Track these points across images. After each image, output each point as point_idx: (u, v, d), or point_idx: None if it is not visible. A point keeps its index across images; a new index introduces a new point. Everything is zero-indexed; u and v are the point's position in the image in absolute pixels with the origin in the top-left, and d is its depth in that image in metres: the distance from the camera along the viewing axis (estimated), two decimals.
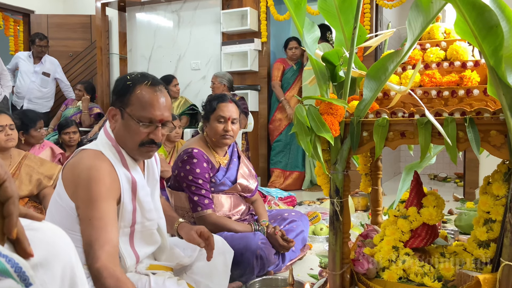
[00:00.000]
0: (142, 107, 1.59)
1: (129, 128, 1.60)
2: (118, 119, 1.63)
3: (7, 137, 2.87)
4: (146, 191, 1.69)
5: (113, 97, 1.67)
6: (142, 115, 1.59)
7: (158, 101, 1.61)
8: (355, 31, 1.54)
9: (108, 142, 1.64)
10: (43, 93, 6.15)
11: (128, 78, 1.64)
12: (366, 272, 1.65)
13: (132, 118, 1.59)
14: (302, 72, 5.53)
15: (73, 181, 1.56)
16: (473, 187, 4.58)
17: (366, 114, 1.58)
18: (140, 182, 1.65)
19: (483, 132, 1.42)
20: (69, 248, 0.99)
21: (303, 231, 2.72)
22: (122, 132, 1.62)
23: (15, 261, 0.79)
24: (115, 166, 1.59)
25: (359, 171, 2.14)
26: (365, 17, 4.99)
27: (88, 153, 1.61)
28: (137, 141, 1.61)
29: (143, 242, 1.69)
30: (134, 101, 1.59)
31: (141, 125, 1.59)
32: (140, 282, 1.59)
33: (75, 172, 1.57)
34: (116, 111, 1.64)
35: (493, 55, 1.34)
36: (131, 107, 1.59)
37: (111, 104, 1.68)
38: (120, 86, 1.63)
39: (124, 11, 6.63)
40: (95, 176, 1.53)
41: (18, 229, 0.84)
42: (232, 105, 2.53)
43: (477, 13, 1.30)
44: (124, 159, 1.64)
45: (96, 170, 1.54)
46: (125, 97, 1.60)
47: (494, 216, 1.53)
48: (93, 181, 1.52)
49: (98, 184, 1.52)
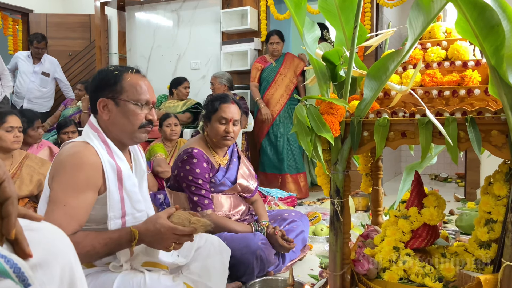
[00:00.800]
0: (137, 91, 1.69)
1: (128, 113, 1.68)
2: (112, 108, 1.69)
3: (15, 138, 2.90)
4: (132, 181, 1.72)
5: (98, 90, 1.71)
6: (139, 98, 1.69)
7: (147, 85, 1.74)
8: (355, 30, 1.54)
9: (94, 133, 1.69)
10: (42, 93, 6.14)
11: (112, 69, 1.72)
12: (366, 272, 1.64)
13: (130, 102, 1.67)
14: (282, 68, 5.31)
15: (55, 168, 1.60)
16: (474, 187, 4.57)
17: (367, 114, 1.58)
18: (126, 172, 1.68)
19: (484, 132, 1.41)
20: (68, 249, 0.99)
21: (303, 232, 2.72)
22: (119, 118, 1.69)
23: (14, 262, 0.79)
24: (100, 154, 1.63)
25: (359, 171, 2.14)
26: (365, 16, 4.98)
27: (72, 143, 1.67)
28: (137, 124, 1.70)
29: None
30: (127, 87, 1.68)
31: (141, 107, 1.69)
32: (135, 278, 1.60)
33: (57, 160, 1.62)
34: (108, 101, 1.69)
35: (494, 54, 1.34)
36: (126, 93, 1.68)
37: (96, 96, 1.71)
38: (107, 77, 1.70)
39: (123, 11, 6.62)
40: (77, 163, 1.57)
41: (16, 229, 0.84)
42: (234, 106, 2.52)
43: (478, 12, 1.30)
44: (110, 149, 1.68)
45: (79, 158, 1.58)
46: (116, 86, 1.68)
47: (495, 217, 1.53)
48: (74, 167, 1.57)
49: (79, 172, 1.56)
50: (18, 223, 0.85)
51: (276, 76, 5.32)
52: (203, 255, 1.91)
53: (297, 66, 5.34)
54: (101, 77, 1.72)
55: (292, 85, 5.31)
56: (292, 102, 5.34)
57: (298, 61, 5.37)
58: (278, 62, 5.38)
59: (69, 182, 1.55)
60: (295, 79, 5.32)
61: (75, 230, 1.54)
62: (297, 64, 5.35)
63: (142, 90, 1.70)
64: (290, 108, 5.35)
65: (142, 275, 1.61)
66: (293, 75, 5.32)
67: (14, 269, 0.79)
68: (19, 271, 0.79)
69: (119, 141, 1.73)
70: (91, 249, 1.53)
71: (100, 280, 1.61)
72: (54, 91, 6.36)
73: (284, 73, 5.32)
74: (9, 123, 2.88)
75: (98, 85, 1.72)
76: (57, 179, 1.57)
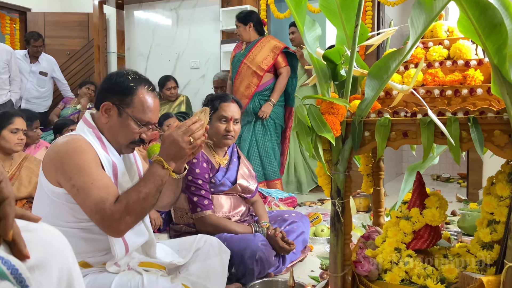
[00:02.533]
0: (143, 110, 1.70)
1: (126, 127, 1.69)
2: (114, 116, 1.70)
3: (19, 141, 2.92)
4: (127, 178, 1.72)
5: (108, 91, 1.72)
6: (142, 118, 1.70)
7: (155, 107, 1.75)
8: (356, 29, 1.53)
9: (88, 129, 1.70)
10: (40, 93, 6.10)
11: (130, 79, 1.71)
12: (368, 274, 1.64)
13: (132, 119, 1.68)
14: (250, 55, 4.62)
15: (53, 161, 1.59)
16: (476, 187, 4.56)
17: (368, 114, 1.57)
18: (120, 167, 1.69)
19: (487, 132, 1.41)
20: (66, 250, 0.99)
21: (304, 233, 2.71)
22: (116, 128, 1.70)
23: (11, 263, 0.79)
24: (95, 148, 1.64)
25: (360, 171, 2.13)
26: (366, 15, 4.96)
27: (64, 137, 1.67)
28: (129, 139, 1.71)
29: (132, 232, 1.67)
30: (136, 104, 1.69)
31: (140, 127, 1.70)
32: (133, 280, 1.60)
33: (51, 153, 1.61)
34: (113, 107, 1.70)
35: (497, 53, 1.33)
36: (132, 108, 1.68)
37: (103, 97, 1.72)
38: (122, 84, 1.70)
39: (122, 9, 6.61)
40: (75, 147, 1.58)
41: (14, 230, 0.83)
42: (235, 105, 2.51)
43: (480, 11, 1.29)
44: (104, 145, 1.69)
45: (74, 143, 1.60)
46: (127, 97, 1.69)
47: (498, 217, 1.52)
48: (75, 151, 1.57)
49: (82, 153, 1.57)
50: (15, 224, 0.85)
51: (241, 65, 4.66)
52: (202, 256, 1.91)
53: (269, 53, 4.59)
54: (116, 82, 1.71)
55: (256, 78, 4.58)
56: (261, 98, 4.65)
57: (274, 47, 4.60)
58: (247, 49, 4.71)
59: (79, 164, 1.55)
60: (263, 69, 4.56)
61: (117, 194, 1.55)
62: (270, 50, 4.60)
63: (148, 110, 1.71)
64: (257, 105, 4.66)
65: (140, 276, 1.61)
66: (264, 62, 4.56)
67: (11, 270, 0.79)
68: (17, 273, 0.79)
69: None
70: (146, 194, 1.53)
71: (98, 282, 1.61)
72: (52, 91, 6.33)
73: (250, 61, 4.60)
74: (15, 124, 2.89)
75: (110, 88, 1.72)
76: (66, 168, 1.55)
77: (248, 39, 4.72)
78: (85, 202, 1.52)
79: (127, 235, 1.62)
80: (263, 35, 4.77)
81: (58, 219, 1.57)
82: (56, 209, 1.58)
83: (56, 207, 1.58)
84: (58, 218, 1.58)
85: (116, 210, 1.49)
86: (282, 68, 4.62)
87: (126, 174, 1.74)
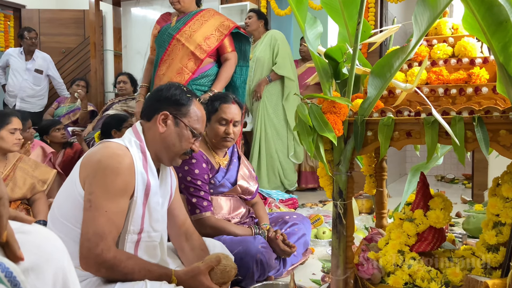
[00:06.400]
0: (197, 121, 1.80)
1: (183, 137, 1.77)
2: (171, 125, 1.76)
3: (17, 141, 2.92)
4: (157, 199, 1.74)
5: (165, 101, 1.78)
6: (196, 127, 1.79)
7: (204, 118, 1.86)
8: (359, 26, 1.52)
9: (136, 141, 1.73)
10: (35, 91, 6.04)
11: (185, 90, 1.82)
12: (370, 277, 1.63)
13: (189, 128, 1.77)
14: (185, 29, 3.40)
15: (91, 166, 1.61)
16: (481, 188, 4.55)
17: (371, 113, 1.57)
18: (154, 188, 1.71)
19: (492, 131, 1.41)
20: (61, 252, 0.98)
21: (305, 235, 2.69)
22: (173, 138, 1.75)
23: (5, 266, 0.79)
24: (135, 164, 1.65)
25: (363, 172, 2.13)
26: (369, 12, 4.95)
27: (111, 144, 1.68)
28: (184, 148, 1.78)
29: (146, 254, 1.72)
30: (192, 114, 1.78)
31: (194, 136, 1.79)
32: (136, 285, 1.58)
33: (94, 158, 1.62)
34: (170, 117, 1.76)
35: (502, 51, 1.34)
36: (189, 118, 1.77)
37: (159, 106, 1.77)
38: (179, 95, 1.78)
39: (118, 6, 6.56)
40: (116, 166, 1.59)
41: (8, 232, 0.83)
42: (235, 107, 2.49)
43: (486, 8, 1.30)
44: (146, 161, 1.71)
45: (117, 162, 1.61)
46: (184, 107, 1.77)
47: (504, 219, 1.53)
48: (113, 171, 1.59)
49: (118, 176, 1.59)
50: (9, 225, 0.84)
51: (171, 42, 3.41)
52: None
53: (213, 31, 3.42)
54: (173, 92, 1.79)
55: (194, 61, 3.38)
56: (198, 88, 3.44)
57: (221, 25, 3.45)
58: (181, 22, 3.46)
59: (109, 186, 1.57)
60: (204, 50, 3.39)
61: (115, 237, 1.58)
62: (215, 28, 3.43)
63: (200, 121, 1.81)
64: None
65: (143, 283, 1.60)
66: (206, 42, 3.40)
67: (5, 273, 0.79)
68: (11, 275, 0.79)
69: (157, 157, 1.77)
70: (129, 272, 1.55)
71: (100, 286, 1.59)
72: (48, 90, 6.23)
73: (185, 38, 3.37)
74: (13, 124, 2.90)
75: (167, 98, 1.78)
76: (95, 181, 1.57)
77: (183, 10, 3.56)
78: (88, 223, 1.54)
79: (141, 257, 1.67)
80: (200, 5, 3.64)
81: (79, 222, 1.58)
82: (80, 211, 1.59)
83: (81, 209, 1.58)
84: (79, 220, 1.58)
85: (105, 256, 1.51)
86: (228, 53, 3.51)
87: (158, 195, 1.75)
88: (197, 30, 3.39)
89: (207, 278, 1.64)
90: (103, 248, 1.51)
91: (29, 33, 5.84)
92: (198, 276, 1.63)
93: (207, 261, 1.68)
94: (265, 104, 4.78)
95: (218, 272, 1.68)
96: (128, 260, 1.56)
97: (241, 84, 3.69)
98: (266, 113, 4.76)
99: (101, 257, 1.50)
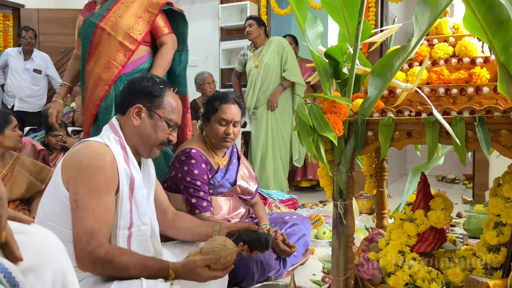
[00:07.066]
0: (172, 111, 1.80)
1: (157, 128, 1.77)
2: (145, 118, 1.76)
3: (20, 138, 2.98)
4: (142, 192, 1.74)
5: (137, 94, 1.78)
6: (171, 118, 1.79)
7: (180, 108, 1.85)
8: (359, 26, 1.52)
9: (115, 137, 1.73)
10: (34, 91, 6.02)
11: (158, 81, 1.81)
12: (371, 278, 1.63)
13: (164, 119, 1.77)
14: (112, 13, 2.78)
15: (73, 167, 1.60)
16: (482, 189, 4.54)
17: (371, 113, 1.56)
18: (138, 182, 1.71)
19: (493, 131, 1.41)
20: (60, 252, 0.98)
21: (305, 235, 2.69)
22: (148, 130, 1.76)
23: (4, 266, 0.79)
24: (117, 160, 1.66)
25: (363, 172, 2.12)
26: (370, 12, 4.96)
27: (91, 143, 1.68)
28: (160, 140, 1.78)
29: (139, 248, 1.71)
30: (166, 105, 1.78)
31: (169, 127, 1.79)
32: (132, 285, 1.58)
33: (75, 159, 1.62)
34: (144, 109, 1.76)
35: (503, 51, 1.33)
36: (163, 109, 1.77)
37: (132, 100, 1.77)
38: (152, 87, 1.78)
39: None
40: (98, 165, 1.60)
41: (6, 232, 0.83)
42: (235, 107, 2.49)
43: (487, 7, 1.29)
44: (127, 156, 1.71)
45: (99, 160, 1.61)
46: (157, 99, 1.77)
47: (505, 219, 1.52)
48: (96, 169, 1.59)
49: (101, 174, 1.59)
50: (8, 225, 0.84)
51: (95, 32, 2.78)
52: None
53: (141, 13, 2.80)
54: (145, 85, 1.79)
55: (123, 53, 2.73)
56: None
57: (149, 3, 2.84)
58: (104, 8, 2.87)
59: (93, 184, 1.57)
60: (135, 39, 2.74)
61: (107, 234, 1.58)
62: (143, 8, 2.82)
63: (175, 111, 1.81)
64: None
65: (139, 282, 1.60)
66: (136, 28, 2.76)
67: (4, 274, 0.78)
68: (10, 276, 0.79)
69: (136, 150, 1.78)
70: (124, 268, 1.55)
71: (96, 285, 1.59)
72: (47, 90, 6.23)
73: (110, 26, 2.75)
74: (14, 122, 2.97)
75: (139, 90, 1.78)
76: (79, 181, 1.58)
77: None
78: (77, 223, 1.55)
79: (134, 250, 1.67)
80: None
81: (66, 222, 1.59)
82: (65, 212, 1.59)
83: (66, 211, 1.59)
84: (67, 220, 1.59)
85: (98, 253, 1.52)
86: (164, 36, 2.88)
87: (143, 188, 1.76)
88: (122, 15, 2.80)
89: (205, 269, 1.62)
90: (95, 245, 1.51)
91: (27, 32, 5.84)
92: (196, 269, 1.62)
93: (205, 257, 1.66)
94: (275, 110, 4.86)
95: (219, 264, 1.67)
96: (122, 255, 1.56)
97: (181, 72, 3.11)
98: (274, 118, 4.85)
99: (94, 254, 1.51)
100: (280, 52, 4.81)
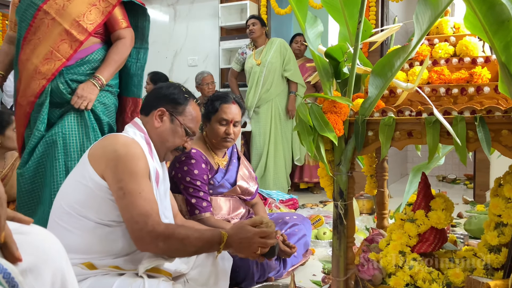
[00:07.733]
0: (192, 120, 1.89)
1: (176, 134, 1.85)
2: (166, 122, 1.84)
3: None
4: (163, 186, 1.85)
5: (163, 99, 1.86)
6: (190, 126, 1.88)
7: (199, 118, 1.95)
8: (360, 25, 1.52)
9: (140, 133, 1.80)
10: None
11: (184, 90, 1.91)
12: (371, 278, 1.62)
13: (183, 126, 1.86)
14: None
15: (108, 157, 1.64)
16: (483, 189, 4.54)
17: (372, 113, 1.56)
18: (161, 176, 1.80)
19: (494, 131, 1.40)
20: (59, 253, 0.98)
21: (306, 235, 2.69)
22: (167, 134, 1.84)
23: (3, 267, 0.79)
24: (145, 152, 1.73)
25: (364, 172, 2.12)
26: (370, 11, 4.96)
27: (119, 136, 1.75)
28: (176, 144, 1.86)
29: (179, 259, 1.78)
30: (187, 113, 1.87)
31: (187, 135, 1.88)
32: (134, 284, 1.60)
33: (109, 149, 1.67)
34: (166, 114, 1.84)
35: (504, 50, 1.33)
36: (184, 117, 1.86)
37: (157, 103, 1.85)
38: (178, 94, 1.87)
39: None
40: (134, 152, 1.67)
41: (5, 232, 0.83)
42: (236, 107, 2.49)
43: (487, 7, 1.29)
44: (151, 151, 1.79)
45: (134, 148, 1.68)
46: (180, 106, 1.86)
47: (506, 220, 1.51)
48: (134, 156, 1.65)
49: (140, 160, 1.67)
50: (7, 226, 0.84)
51: (36, 15, 2.38)
52: (205, 261, 1.93)
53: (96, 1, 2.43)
54: (172, 91, 1.87)
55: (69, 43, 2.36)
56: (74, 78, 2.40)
57: None
58: None
59: (134, 169, 1.63)
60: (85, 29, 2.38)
61: (158, 212, 1.64)
62: None
63: (195, 121, 1.90)
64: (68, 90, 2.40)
65: (141, 280, 1.62)
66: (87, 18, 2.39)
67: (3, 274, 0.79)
68: (9, 277, 0.79)
69: None
70: (185, 237, 1.60)
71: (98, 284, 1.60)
72: None
73: (56, 11, 2.36)
74: (14, 122, 2.97)
75: (165, 96, 1.86)
76: (119, 169, 1.62)
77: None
78: (129, 208, 1.58)
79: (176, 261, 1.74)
80: None
81: (88, 211, 1.62)
82: (92, 200, 1.62)
83: (92, 198, 1.62)
84: (90, 209, 1.62)
85: (158, 229, 1.57)
86: (122, 30, 2.52)
87: (164, 183, 1.85)
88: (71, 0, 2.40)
89: (254, 229, 1.68)
90: (153, 224, 1.56)
91: None
92: (246, 226, 1.69)
93: (251, 219, 1.75)
94: (278, 109, 4.92)
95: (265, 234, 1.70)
96: (178, 228, 1.65)
97: (136, 71, 2.71)
98: (277, 117, 4.91)
99: (154, 232, 1.55)
100: (282, 53, 4.88)
